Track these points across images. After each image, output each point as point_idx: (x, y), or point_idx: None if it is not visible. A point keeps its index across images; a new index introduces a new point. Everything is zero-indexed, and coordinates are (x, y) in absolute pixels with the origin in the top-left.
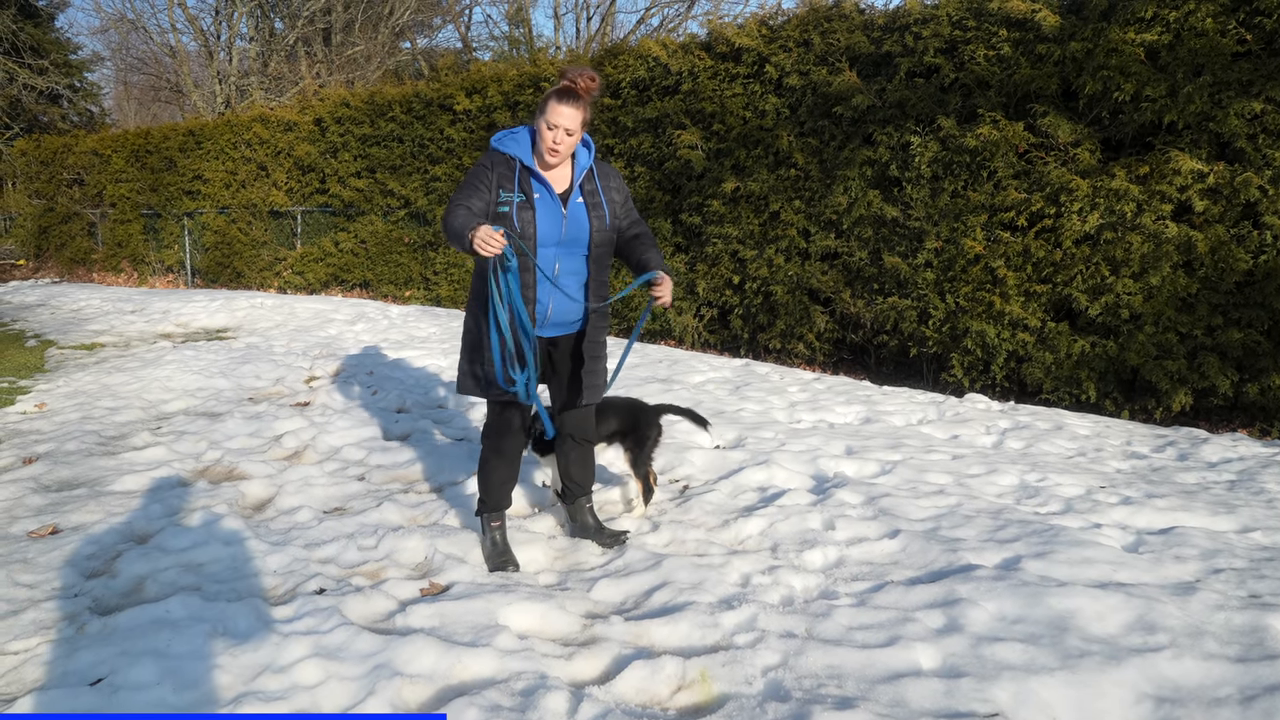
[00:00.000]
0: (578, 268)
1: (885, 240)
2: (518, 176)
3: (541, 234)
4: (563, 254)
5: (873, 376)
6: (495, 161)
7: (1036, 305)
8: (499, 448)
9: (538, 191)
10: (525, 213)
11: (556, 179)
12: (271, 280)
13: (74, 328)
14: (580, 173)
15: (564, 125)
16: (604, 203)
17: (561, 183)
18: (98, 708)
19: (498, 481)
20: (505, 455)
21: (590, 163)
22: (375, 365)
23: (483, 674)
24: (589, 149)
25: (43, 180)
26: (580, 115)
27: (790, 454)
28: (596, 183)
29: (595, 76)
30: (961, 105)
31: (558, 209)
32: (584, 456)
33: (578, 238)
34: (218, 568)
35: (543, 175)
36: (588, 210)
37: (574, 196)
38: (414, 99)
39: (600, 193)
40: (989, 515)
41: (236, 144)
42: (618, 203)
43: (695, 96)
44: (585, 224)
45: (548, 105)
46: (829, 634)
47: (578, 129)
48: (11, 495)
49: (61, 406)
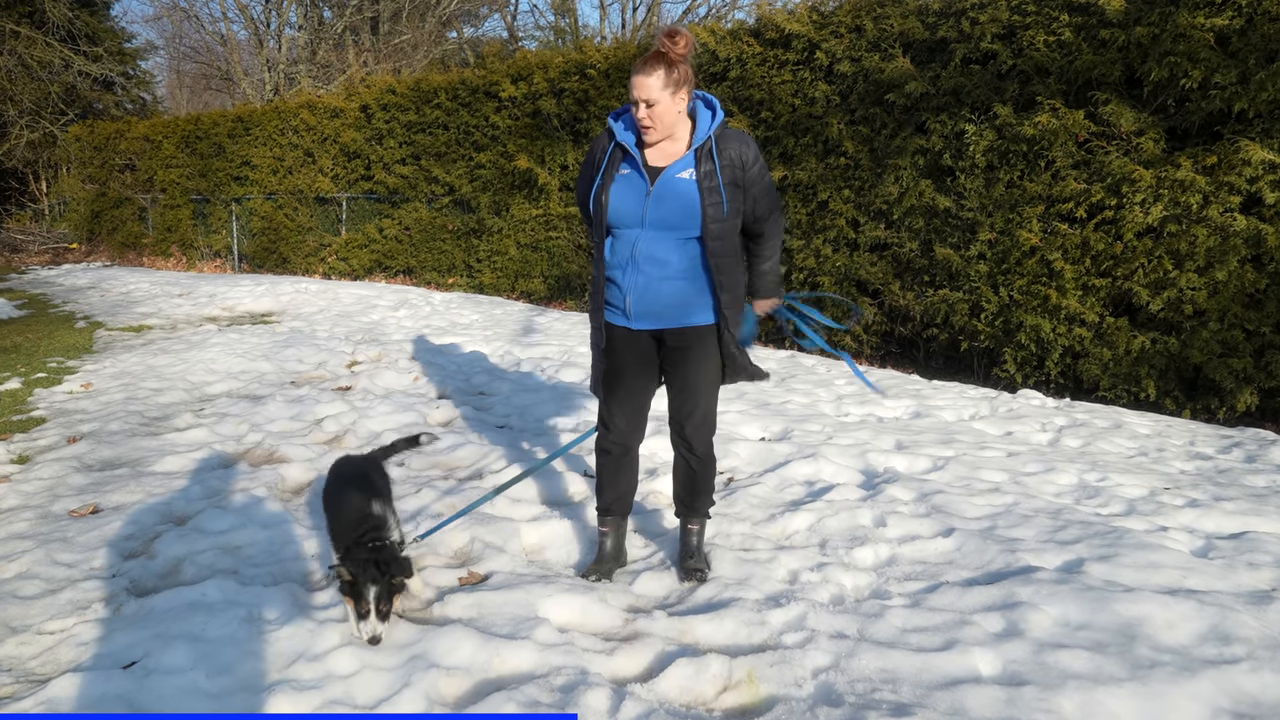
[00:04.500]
0: (671, 255)
1: (937, 231)
2: (609, 154)
3: (617, 215)
4: (648, 237)
5: (921, 370)
6: (600, 140)
7: (1094, 299)
8: (600, 444)
9: (625, 168)
10: (599, 201)
11: (663, 152)
12: (316, 266)
13: (122, 310)
14: (696, 145)
15: (641, 97)
16: (720, 185)
17: (665, 157)
18: (129, 692)
19: (603, 483)
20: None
21: (710, 132)
22: (417, 351)
23: (522, 668)
24: (713, 114)
25: (95, 165)
26: (660, 82)
27: (838, 448)
28: (715, 158)
29: (680, 32)
30: (1019, 93)
31: (642, 187)
32: (686, 470)
33: (671, 220)
34: (255, 551)
35: (638, 151)
36: (700, 190)
37: (673, 172)
38: (459, 86)
39: (718, 172)
40: (1048, 515)
41: (284, 130)
42: (737, 182)
43: (743, 84)
44: (687, 204)
45: (630, 80)
46: (882, 635)
47: (660, 98)
48: (54, 474)
49: (107, 387)
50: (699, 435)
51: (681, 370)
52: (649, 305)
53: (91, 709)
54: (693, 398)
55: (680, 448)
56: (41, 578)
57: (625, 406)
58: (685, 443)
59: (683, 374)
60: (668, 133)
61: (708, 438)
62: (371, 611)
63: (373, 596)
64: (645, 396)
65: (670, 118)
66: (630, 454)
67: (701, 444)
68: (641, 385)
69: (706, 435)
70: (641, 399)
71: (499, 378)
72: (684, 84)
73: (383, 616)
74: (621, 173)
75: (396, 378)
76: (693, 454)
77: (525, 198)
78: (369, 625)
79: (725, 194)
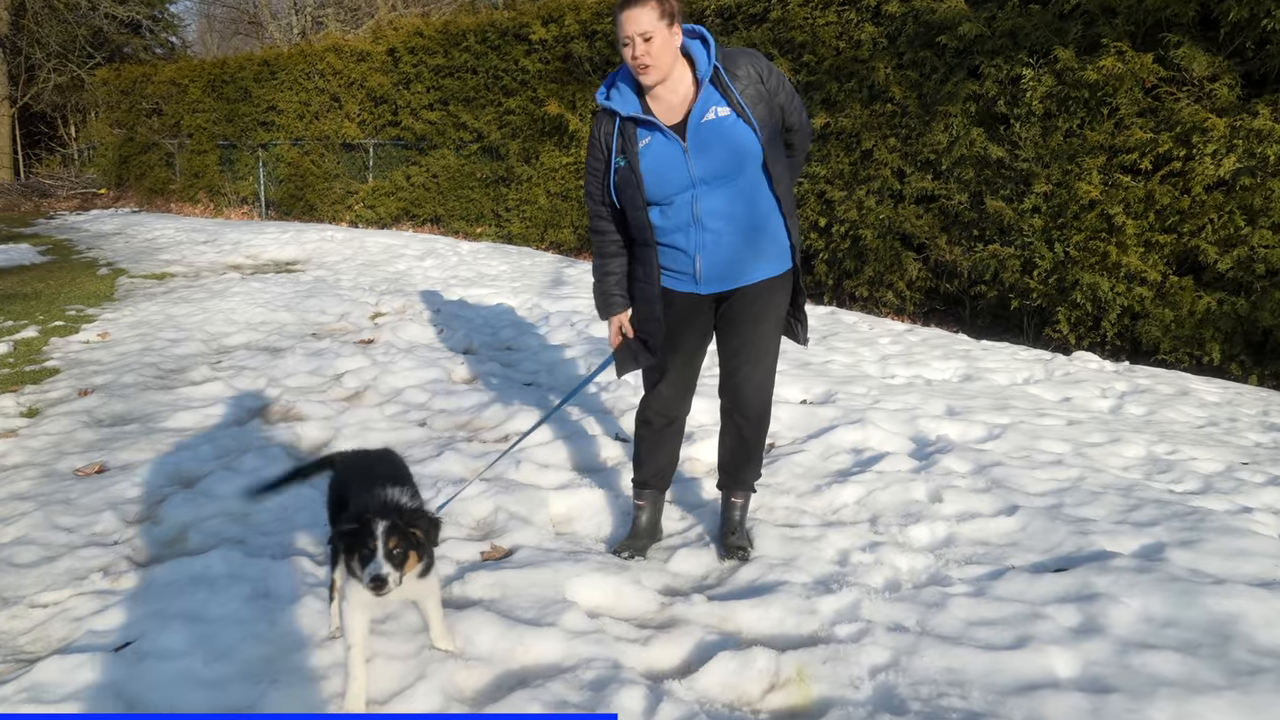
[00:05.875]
0: (736, 206)
1: (988, 182)
2: (618, 134)
3: (660, 188)
4: (705, 193)
5: (968, 329)
6: (600, 123)
7: (1157, 257)
8: (641, 414)
9: (644, 138)
10: (630, 183)
11: (670, 105)
12: (343, 214)
13: (146, 257)
14: (703, 81)
15: (636, 32)
16: (752, 104)
17: (678, 107)
18: (119, 679)
19: (641, 455)
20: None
21: (713, 60)
22: (443, 303)
23: (547, 658)
24: (707, 45)
25: (123, 110)
26: (655, 12)
27: (885, 412)
28: (730, 85)
29: None
30: (1082, 34)
31: (676, 148)
32: (736, 436)
33: (723, 167)
34: (265, 517)
35: (648, 115)
36: (738, 120)
37: (699, 116)
38: (489, 28)
39: (743, 94)
40: (1118, 492)
41: (310, 74)
42: (763, 97)
43: (784, 25)
44: (732, 143)
45: (615, 19)
46: (946, 629)
47: (657, 29)
48: (63, 429)
49: (124, 336)
50: (757, 397)
51: (742, 328)
52: (719, 266)
53: (77, 696)
54: (754, 355)
55: (733, 412)
56: (40, 543)
57: (677, 376)
58: (740, 406)
59: (744, 331)
60: (667, 73)
61: (766, 400)
62: (379, 549)
63: (381, 532)
64: (698, 365)
65: (669, 54)
66: (675, 425)
67: (757, 409)
68: (697, 352)
69: (765, 397)
70: (694, 368)
71: (527, 332)
72: (677, 16)
73: (394, 560)
74: (643, 143)
75: (421, 330)
76: (746, 418)
77: (555, 145)
78: (374, 565)
79: (763, 112)
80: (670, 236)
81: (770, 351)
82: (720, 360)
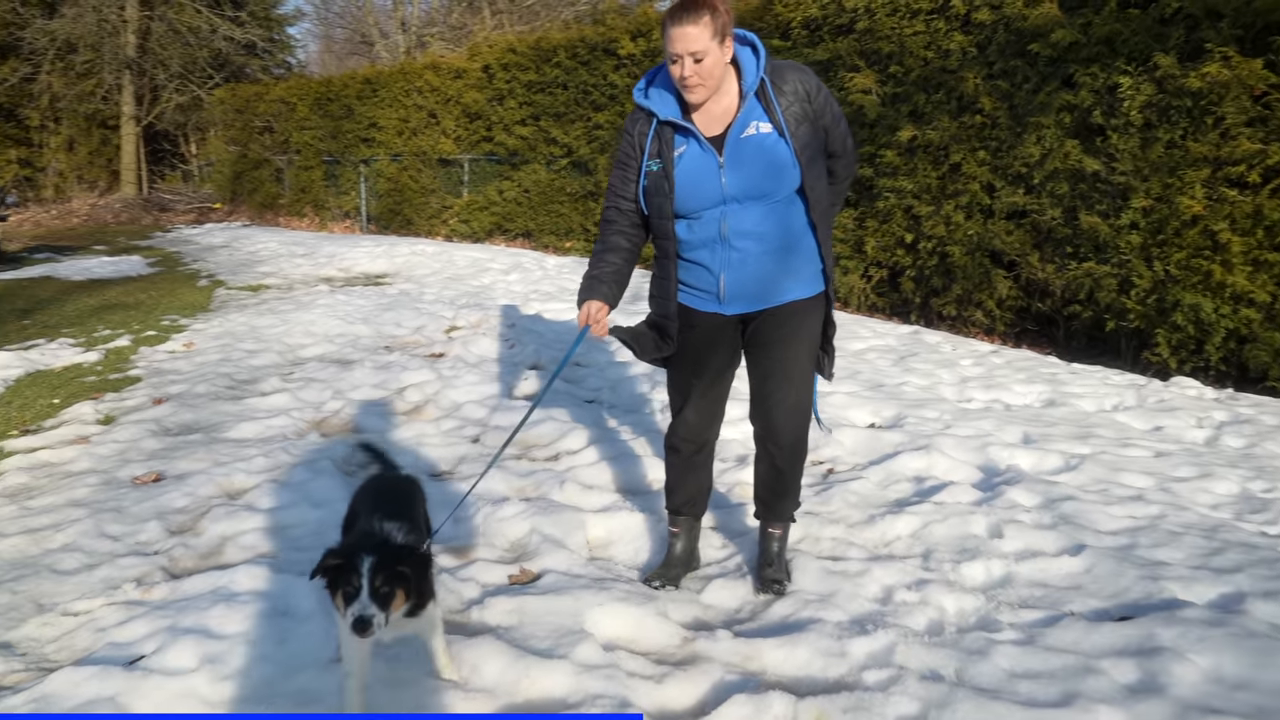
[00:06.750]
0: (766, 225)
1: (1083, 197)
2: (654, 136)
3: (688, 201)
4: (734, 211)
5: (1060, 351)
6: (637, 120)
7: (1267, 277)
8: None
9: (680, 146)
10: (660, 190)
11: (712, 115)
12: (439, 228)
13: (245, 269)
14: (748, 94)
15: (685, 50)
16: (796, 123)
17: (720, 119)
18: (121, 693)
19: (672, 482)
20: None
21: (761, 70)
22: (518, 318)
23: (552, 693)
24: (755, 49)
25: (237, 127)
26: (708, 30)
27: (955, 439)
28: (774, 100)
29: None
30: (1184, 40)
31: (711, 161)
32: (770, 467)
33: (758, 186)
34: (302, 532)
35: (687, 121)
36: (780, 138)
37: (740, 131)
38: (579, 43)
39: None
40: (1201, 533)
41: (409, 91)
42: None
43: (871, 35)
44: (771, 161)
45: (663, 35)
46: (984, 679)
47: (708, 49)
48: (130, 437)
49: (206, 346)
50: (790, 423)
51: (773, 351)
52: (746, 285)
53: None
54: (784, 379)
55: (766, 441)
56: (84, 550)
57: (702, 400)
58: (773, 433)
59: (775, 355)
60: (714, 91)
61: (801, 427)
62: (364, 588)
63: (367, 569)
64: (725, 387)
65: (719, 71)
66: (704, 451)
67: (791, 435)
68: (723, 375)
69: (799, 424)
70: (721, 391)
71: (596, 348)
72: (729, 30)
73: (379, 599)
74: (679, 152)
75: (492, 345)
76: (779, 447)
77: None
78: (358, 605)
79: (806, 132)
80: (695, 253)
81: (804, 376)
82: (750, 385)
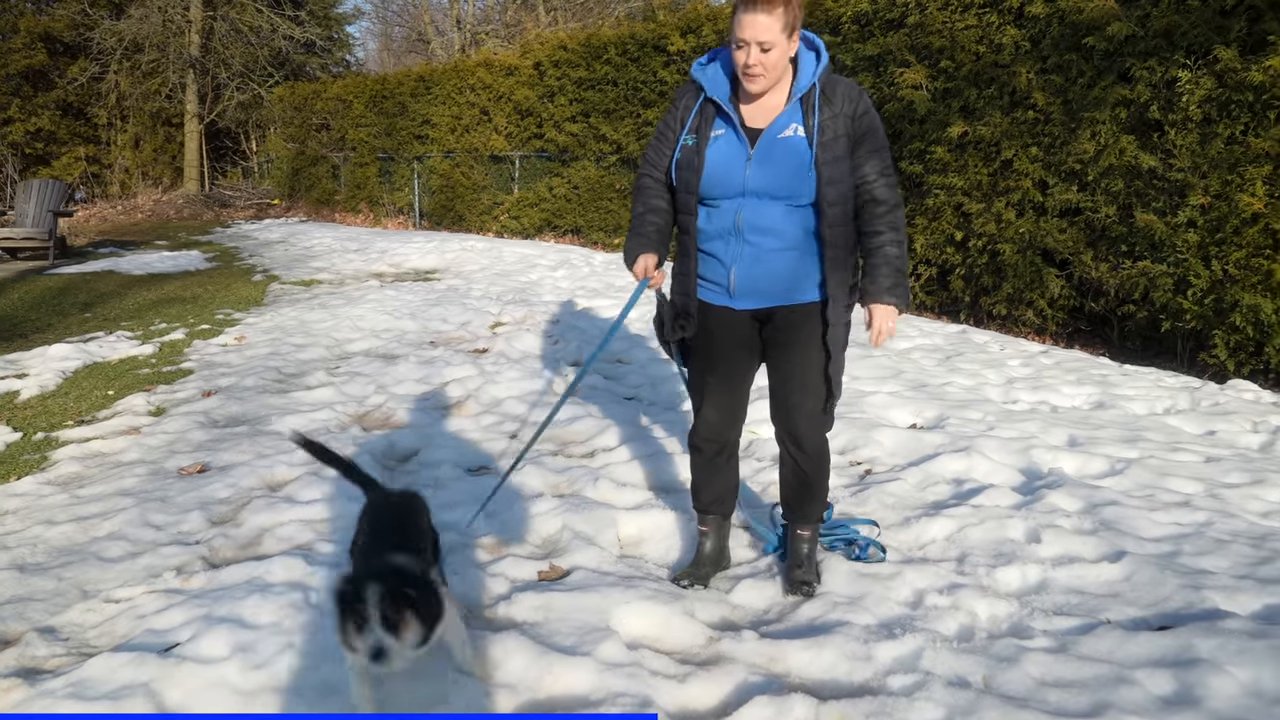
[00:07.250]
0: (781, 223)
1: (1139, 194)
2: (697, 111)
3: (711, 184)
4: (752, 205)
5: (1114, 353)
6: (685, 93)
7: None
8: (691, 440)
9: (719, 129)
10: (691, 165)
11: (760, 108)
12: (489, 224)
13: (299, 264)
14: (795, 97)
15: (755, 39)
16: (834, 139)
17: (766, 113)
18: (154, 680)
19: (697, 482)
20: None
21: (814, 80)
22: (563, 314)
23: (574, 690)
24: (818, 55)
25: (295, 125)
26: (780, 21)
27: (998, 441)
28: (821, 109)
29: None
30: (1246, 32)
31: (741, 151)
32: (794, 471)
33: (779, 186)
34: (338, 525)
35: (733, 107)
36: (811, 147)
37: (777, 130)
38: (629, 40)
39: (830, 124)
40: (1248, 541)
41: (462, 89)
42: (850, 134)
43: (922, 30)
44: (797, 166)
45: (732, 19)
46: (1013, 688)
47: (777, 41)
48: (179, 428)
49: (257, 340)
50: (810, 431)
51: (790, 354)
52: (756, 281)
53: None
54: (803, 387)
55: (787, 444)
56: (129, 539)
57: (720, 397)
58: (793, 439)
59: (791, 358)
60: (775, 82)
61: (821, 433)
62: (373, 617)
63: (375, 597)
64: (744, 385)
65: (783, 65)
66: (726, 450)
67: (813, 441)
68: (740, 372)
69: (820, 430)
70: (739, 388)
71: (638, 345)
72: (798, 25)
73: (390, 626)
74: (715, 134)
75: (535, 341)
76: (801, 451)
77: None
78: (370, 635)
79: (841, 148)
80: (710, 244)
81: (818, 380)
82: (770, 387)
